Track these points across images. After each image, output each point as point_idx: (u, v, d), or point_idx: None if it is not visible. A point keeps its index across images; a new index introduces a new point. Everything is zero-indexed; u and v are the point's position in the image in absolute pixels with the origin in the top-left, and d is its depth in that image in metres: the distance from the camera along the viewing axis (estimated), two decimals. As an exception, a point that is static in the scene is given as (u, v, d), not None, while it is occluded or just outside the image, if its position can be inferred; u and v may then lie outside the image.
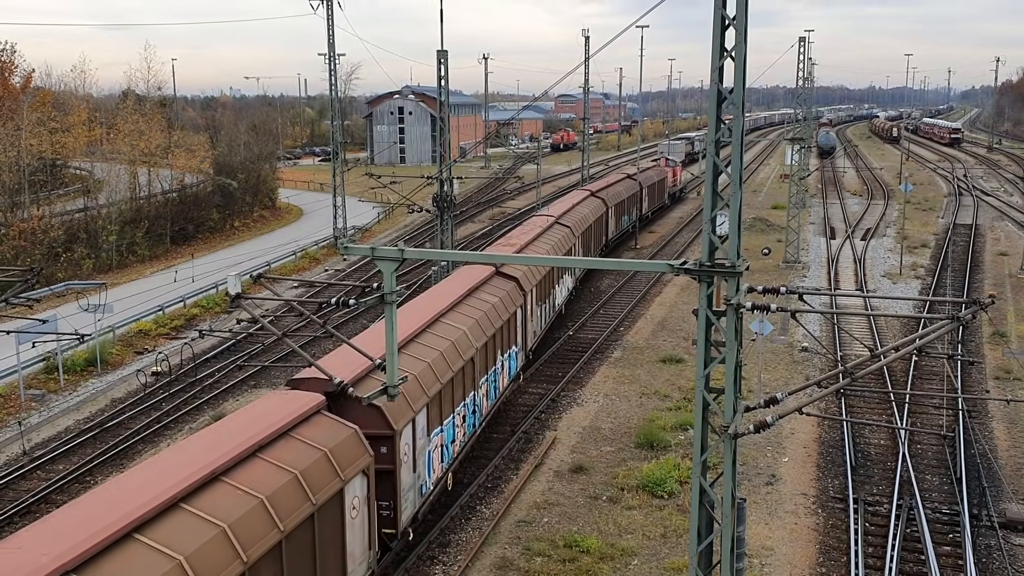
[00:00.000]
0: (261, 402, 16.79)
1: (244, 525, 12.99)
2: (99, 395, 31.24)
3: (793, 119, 60.76)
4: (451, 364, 21.73)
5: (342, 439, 16.09)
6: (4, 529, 21.72)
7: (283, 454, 14.78)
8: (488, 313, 25.85)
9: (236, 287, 14.42)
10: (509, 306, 27.97)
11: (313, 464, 15.01)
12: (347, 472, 15.68)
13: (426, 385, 19.95)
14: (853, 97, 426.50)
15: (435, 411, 20.47)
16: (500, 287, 28.60)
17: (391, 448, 17.77)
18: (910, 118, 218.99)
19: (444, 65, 39.01)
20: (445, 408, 21.23)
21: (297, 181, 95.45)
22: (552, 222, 40.71)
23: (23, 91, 68.05)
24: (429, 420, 19.99)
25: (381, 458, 17.52)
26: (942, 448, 25.34)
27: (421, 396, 19.46)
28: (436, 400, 20.44)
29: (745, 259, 11.95)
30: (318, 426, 16.08)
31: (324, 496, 14.89)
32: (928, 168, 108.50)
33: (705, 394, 12.28)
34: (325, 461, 15.31)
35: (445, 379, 21.04)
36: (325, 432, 15.99)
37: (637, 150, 77.59)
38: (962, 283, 46.72)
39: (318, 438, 15.68)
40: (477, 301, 26.23)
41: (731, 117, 11.68)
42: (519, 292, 29.58)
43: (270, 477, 14.14)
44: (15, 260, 45.99)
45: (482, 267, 29.52)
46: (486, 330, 25.06)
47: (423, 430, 19.59)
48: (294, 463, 14.70)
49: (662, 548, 20.15)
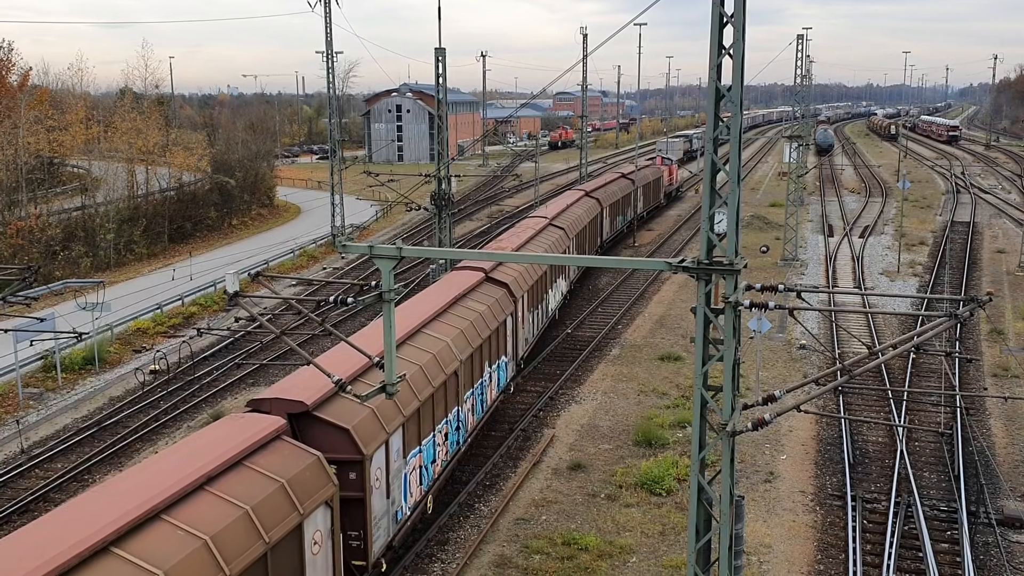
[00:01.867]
0: (216, 427, 15.51)
1: (184, 570, 11.83)
2: (97, 394, 31.22)
3: (791, 117, 60.79)
4: (431, 379, 20.39)
5: (303, 467, 14.85)
6: (3, 527, 21.72)
7: (234, 487, 13.57)
8: (475, 322, 24.51)
9: (234, 285, 14.41)
10: (498, 314, 26.68)
11: (268, 497, 13.80)
12: (307, 504, 14.50)
13: (402, 403, 18.62)
14: (851, 95, 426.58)
15: (412, 430, 19.23)
16: (489, 294, 27.27)
17: (360, 474, 16.55)
18: (908, 116, 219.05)
19: (442, 63, 38.99)
20: (424, 426, 19.97)
21: (295, 179, 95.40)
22: (545, 224, 39.48)
23: (20, 89, 67.98)
24: (406, 440, 18.82)
25: (349, 485, 16.44)
26: (940, 445, 25.36)
27: (396, 416, 18.28)
28: (414, 418, 19.24)
29: (743, 257, 11.96)
30: (277, 453, 14.86)
31: (280, 533, 13.71)
32: (926, 166, 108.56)
33: (703, 392, 12.29)
34: (282, 493, 14.09)
35: (424, 395, 19.75)
36: (284, 460, 14.78)
37: (635, 148, 77.35)
38: (960, 280, 46.75)
39: (276, 467, 14.47)
40: (463, 310, 24.89)
41: (729, 115, 11.68)
42: (509, 299, 28.31)
43: (217, 514, 12.93)
44: (13, 258, 45.94)
45: (471, 272, 28.23)
46: (472, 341, 23.72)
47: (398, 452, 18.39)
48: (246, 497, 13.49)
49: (660, 546, 20.17)
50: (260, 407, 16.35)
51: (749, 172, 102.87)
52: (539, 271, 32.93)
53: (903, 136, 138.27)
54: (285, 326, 37.97)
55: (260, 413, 16.15)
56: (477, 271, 28.43)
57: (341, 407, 16.98)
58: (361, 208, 74.34)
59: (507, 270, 29.68)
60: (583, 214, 45.52)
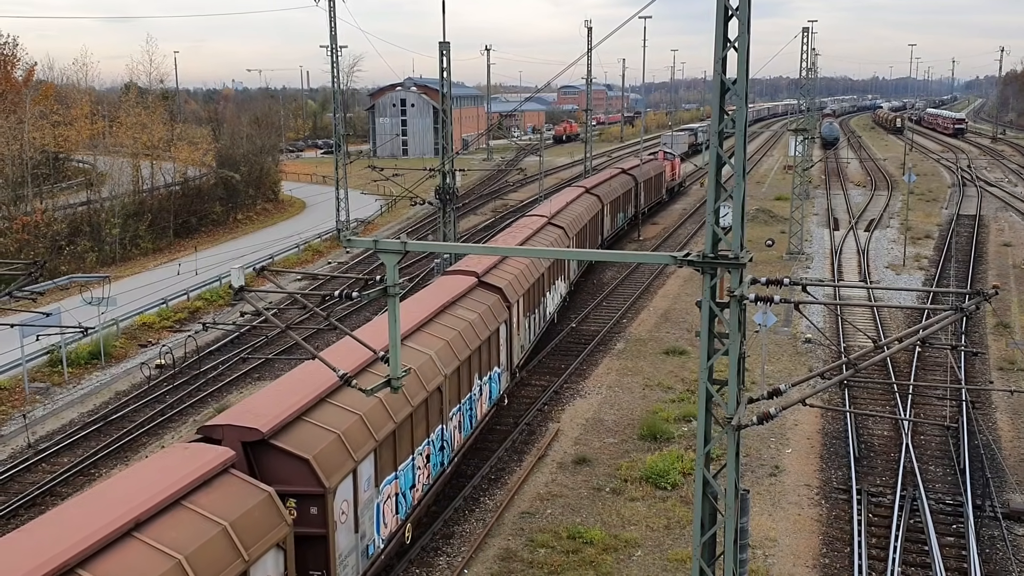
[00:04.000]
0: (155, 460, 13.78)
1: None
2: (103, 388, 31.30)
3: (796, 110, 60.60)
4: (410, 397, 18.66)
5: (252, 506, 13.26)
6: (11, 521, 21.81)
7: (167, 532, 12.04)
8: (463, 332, 22.81)
9: (240, 280, 14.38)
10: (491, 322, 25.02)
11: (207, 544, 12.26)
12: (254, 549, 12.92)
13: (374, 427, 16.99)
14: (857, 88, 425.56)
15: (387, 456, 17.55)
16: (481, 300, 25.55)
17: (323, 509, 14.92)
18: (914, 109, 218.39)
19: (446, 57, 38.96)
20: (402, 450, 18.32)
21: (300, 174, 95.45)
22: (544, 223, 37.80)
23: (26, 84, 68.14)
24: (379, 467, 17.14)
25: (310, 521, 14.88)
26: (945, 439, 25.34)
27: (366, 441, 16.57)
28: (388, 442, 17.57)
29: (748, 251, 11.94)
30: (222, 490, 13.26)
31: None
32: (932, 159, 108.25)
33: (708, 386, 12.28)
34: (224, 538, 12.54)
35: (401, 416, 18.07)
36: (230, 498, 13.19)
37: (640, 141, 77.06)
38: (966, 274, 46.64)
39: (219, 507, 12.90)
40: (451, 318, 23.19)
41: (734, 108, 11.65)
42: (503, 305, 26.60)
43: (144, 566, 11.39)
44: (19, 253, 46.07)
45: (462, 277, 26.77)
46: (459, 352, 22.04)
47: (369, 481, 16.71)
48: (180, 544, 11.93)
49: (665, 539, 20.18)
50: (212, 435, 14.77)
51: (754, 166, 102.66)
52: (536, 273, 31.42)
53: (909, 129, 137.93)
54: (290, 321, 38.03)
55: (210, 442, 14.60)
56: (469, 275, 27.00)
57: (303, 434, 15.41)
58: (366, 203, 74.37)
59: (502, 273, 28.35)
60: (583, 212, 44.04)
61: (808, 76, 57.17)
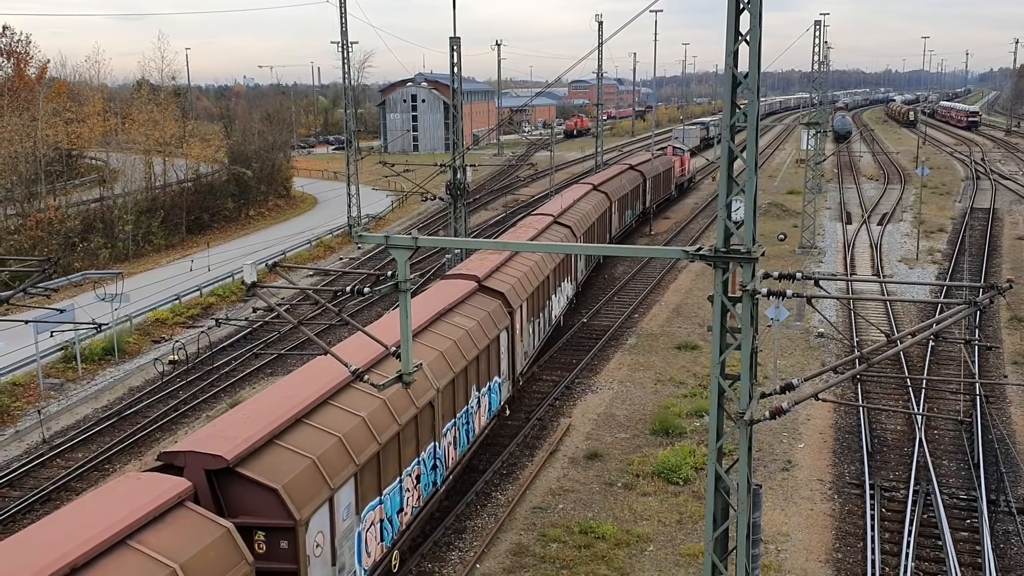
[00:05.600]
0: (104, 492, 12.57)
1: None
2: (117, 384, 31.48)
3: (809, 103, 60.36)
4: (397, 415, 17.46)
5: (207, 543, 12.10)
6: (26, 516, 21.98)
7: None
8: (460, 342, 21.48)
9: (252, 276, 14.40)
10: (490, 329, 23.72)
11: None
12: None
13: (355, 449, 15.74)
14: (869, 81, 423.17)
15: (370, 479, 16.25)
16: (480, 306, 24.26)
17: (293, 542, 13.74)
18: (927, 102, 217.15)
19: (457, 52, 38.93)
20: (388, 471, 17.02)
21: (311, 170, 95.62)
22: (550, 222, 36.64)
23: (38, 82, 68.44)
24: (360, 493, 15.83)
25: (280, 556, 13.70)
26: (959, 434, 25.23)
27: (346, 466, 15.31)
28: (371, 465, 16.29)
29: (760, 245, 11.90)
30: (175, 526, 12.10)
31: None
32: (945, 152, 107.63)
33: (721, 380, 12.26)
34: None
35: (386, 436, 16.76)
36: (184, 535, 12.02)
37: (651, 135, 76.83)
38: (979, 268, 46.39)
39: (170, 546, 11.70)
40: (447, 327, 21.83)
41: (746, 102, 11.60)
42: (504, 312, 25.29)
43: None
44: (32, 250, 46.34)
45: (462, 282, 25.48)
46: (455, 364, 20.75)
47: (348, 509, 15.43)
48: None
49: (678, 534, 20.17)
50: (173, 461, 13.59)
51: (766, 159, 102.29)
52: (541, 275, 30.22)
53: (922, 122, 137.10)
54: (302, 316, 38.12)
55: (171, 469, 13.49)
56: (470, 279, 25.81)
57: (273, 460, 14.16)
58: (377, 198, 74.47)
59: (504, 277, 27.17)
60: (591, 210, 42.88)
61: (820, 69, 56.90)
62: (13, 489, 23.56)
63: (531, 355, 29.25)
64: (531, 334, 28.97)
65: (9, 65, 67.83)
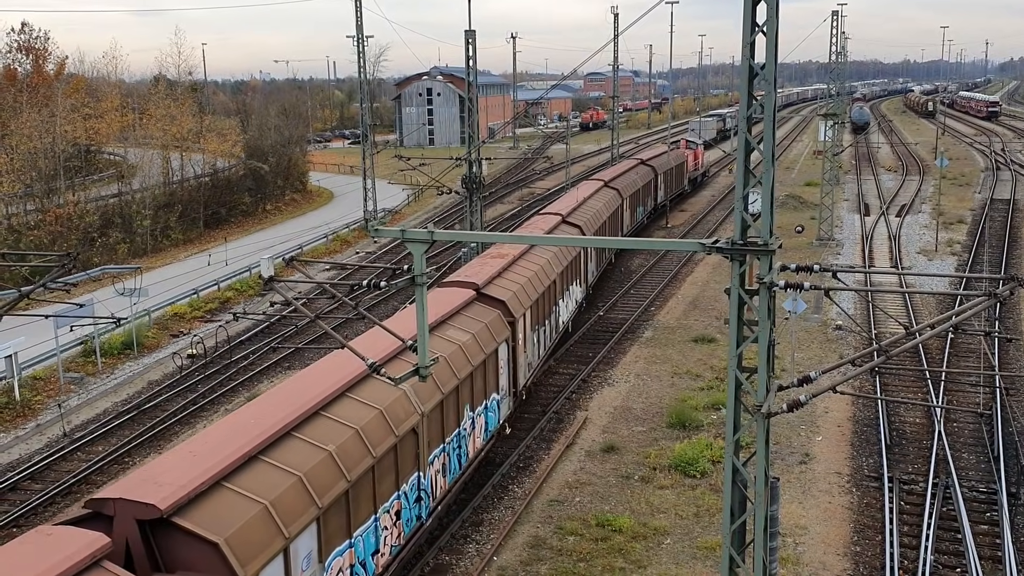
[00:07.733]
0: (4, 553, 10.64)
1: None
2: (136, 378, 31.72)
3: (826, 94, 59.96)
4: (372, 446, 15.43)
5: None
6: (47, 509, 22.20)
7: None
8: (451, 358, 19.49)
9: (269, 270, 14.47)
10: (488, 343, 21.69)
11: None
12: None
13: (318, 489, 13.77)
14: (887, 71, 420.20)
15: (336, 522, 14.38)
16: (478, 318, 22.23)
17: None
18: (946, 92, 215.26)
19: (472, 45, 38.90)
20: (360, 511, 15.08)
21: (327, 164, 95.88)
22: (558, 222, 35.03)
23: (57, 78, 68.83)
24: (324, 539, 13.94)
25: None
26: (979, 426, 25.05)
27: (306, 509, 13.41)
28: (338, 506, 14.38)
29: (778, 237, 11.84)
30: None
31: None
32: (964, 143, 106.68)
33: (738, 373, 12.22)
34: None
35: (357, 473, 14.82)
36: None
37: (667, 127, 76.50)
38: (999, 259, 45.99)
39: None
40: (438, 341, 19.57)
41: (763, 93, 11.54)
42: (504, 322, 23.31)
43: None
44: (52, 245, 46.71)
45: (460, 290, 23.55)
46: (444, 384, 18.80)
47: (309, 558, 13.60)
48: None
49: (695, 527, 20.15)
50: (102, 509, 11.75)
51: (784, 151, 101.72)
52: (547, 280, 28.48)
53: (941, 113, 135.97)
54: (319, 310, 38.28)
55: (99, 518, 11.72)
56: (468, 287, 23.91)
57: (218, 507, 12.29)
58: (393, 192, 74.58)
59: (506, 284, 25.39)
60: (602, 208, 40.85)
61: (838, 60, 56.50)
62: (35, 483, 23.81)
63: (536, 366, 27.41)
64: (535, 343, 27.03)
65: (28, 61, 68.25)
